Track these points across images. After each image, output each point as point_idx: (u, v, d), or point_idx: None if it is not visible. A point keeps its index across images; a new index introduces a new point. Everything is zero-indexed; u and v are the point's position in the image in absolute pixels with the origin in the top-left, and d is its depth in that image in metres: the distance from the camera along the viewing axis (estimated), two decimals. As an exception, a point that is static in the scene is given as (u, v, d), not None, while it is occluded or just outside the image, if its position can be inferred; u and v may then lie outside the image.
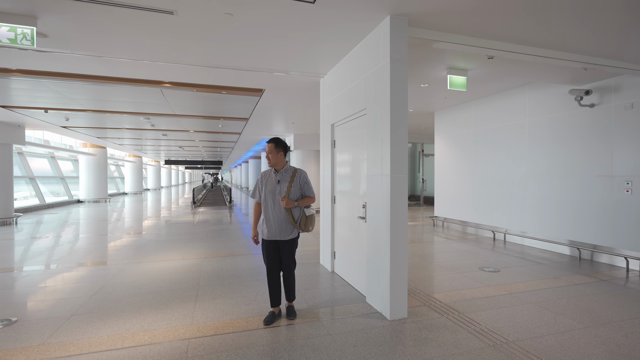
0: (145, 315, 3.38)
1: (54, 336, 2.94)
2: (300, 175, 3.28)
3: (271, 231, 3.19)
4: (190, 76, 5.27)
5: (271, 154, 3.22)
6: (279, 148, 3.23)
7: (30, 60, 4.53)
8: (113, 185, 23.79)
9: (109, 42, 3.95)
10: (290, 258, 3.28)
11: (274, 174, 3.28)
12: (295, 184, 3.23)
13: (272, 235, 3.19)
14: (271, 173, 3.30)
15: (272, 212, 3.19)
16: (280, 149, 3.24)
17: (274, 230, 3.18)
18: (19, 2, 3.04)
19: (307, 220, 3.27)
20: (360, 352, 2.69)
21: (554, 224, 6.12)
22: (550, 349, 2.72)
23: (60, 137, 15.77)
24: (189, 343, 2.82)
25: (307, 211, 3.28)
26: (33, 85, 6.05)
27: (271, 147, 3.21)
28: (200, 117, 9.14)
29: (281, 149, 3.24)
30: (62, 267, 5.20)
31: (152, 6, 3.11)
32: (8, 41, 3.19)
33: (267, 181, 3.27)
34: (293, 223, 3.19)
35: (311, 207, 3.34)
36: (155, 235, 7.91)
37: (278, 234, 3.18)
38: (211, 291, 4.06)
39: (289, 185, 3.20)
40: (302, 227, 3.24)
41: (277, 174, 3.26)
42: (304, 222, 3.25)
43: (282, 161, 3.27)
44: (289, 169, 3.30)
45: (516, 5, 3.12)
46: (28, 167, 14.00)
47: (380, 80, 3.42)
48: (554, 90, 6.09)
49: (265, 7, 3.14)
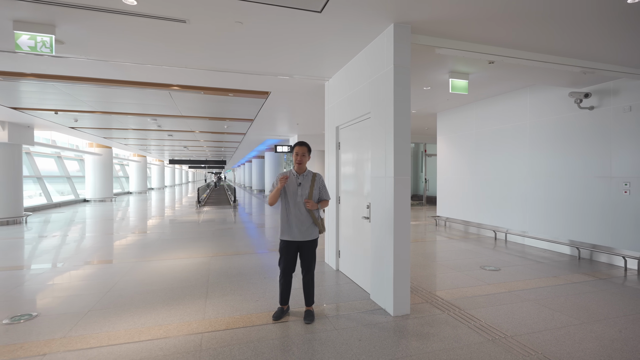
0: (159, 310, 3.53)
1: (74, 330, 3.10)
2: (319, 178, 3.40)
3: (293, 233, 3.24)
4: (199, 79, 5.42)
5: (304, 157, 3.30)
6: (309, 152, 3.34)
7: (44, 64, 4.68)
8: (118, 184, 24.04)
9: (122, 48, 4.10)
10: (312, 259, 3.34)
11: (295, 176, 3.33)
12: (316, 187, 3.33)
13: (293, 237, 3.25)
14: (291, 175, 3.34)
15: (295, 214, 3.24)
16: (308, 152, 3.34)
17: (297, 232, 3.24)
18: (40, 12, 3.19)
19: (322, 221, 3.41)
20: (365, 345, 2.83)
21: (554, 224, 6.23)
22: (547, 344, 2.86)
23: (66, 137, 15.98)
24: (202, 337, 2.97)
25: (321, 213, 3.41)
26: (43, 88, 6.21)
27: (304, 150, 3.30)
28: (206, 118, 9.30)
29: (308, 152, 3.35)
30: (74, 264, 5.38)
31: (166, 15, 3.26)
32: (28, 49, 3.35)
33: (289, 184, 3.30)
34: (316, 222, 3.29)
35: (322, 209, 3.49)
36: (163, 234, 8.08)
37: (300, 235, 3.24)
38: (220, 288, 4.22)
39: (311, 188, 3.30)
40: (321, 229, 3.35)
41: (298, 176, 3.33)
42: (322, 223, 3.38)
43: (304, 165, 3.37)
44: (309, 173, 3.38)
45: (516, 14, 3.24)
46: (35, 167, 14.22)
47: (384, 85, 3.55)
48: (555, 93, 6.20)
49: (274, 15, 3.27)
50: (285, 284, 3.34)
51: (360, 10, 3.16)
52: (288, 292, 3.39)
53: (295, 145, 3.33)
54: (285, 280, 3.34)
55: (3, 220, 9.44)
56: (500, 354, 2.70)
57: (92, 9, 3.11)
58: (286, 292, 3.38)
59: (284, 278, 3.33)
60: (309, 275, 3.37)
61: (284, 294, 3.38)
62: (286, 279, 3.33)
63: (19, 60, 4.47)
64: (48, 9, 3.11)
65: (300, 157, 3.30)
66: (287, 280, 3.34)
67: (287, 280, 3.34)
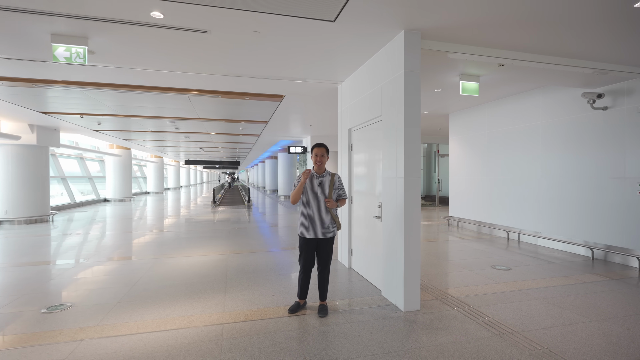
0: (182, 303, 3.76)
1: (106, 319, 3.35)
2: (337, 178, 3.58)
3: (313, 230, 3.41)
4: (216, 84, 5.66)
5: (323, 157, 3.48)
6: (327, 153, 3.52)
7: (73, 72, 4.99)
8: (136, 184, 24.74)
9: (146, 56, 4.36)
10: (329, 255, 3.52)
11: (315, 176, 3.50)
12: (335, 187, 3.52)
13: (314, 234, 3.41)
14: (312, 175, 3.50)
15: (315, 212, 3.42)
16: (326, 153, 3.51)
17: (317, 230, 3.41)
18: (75, 26, 3.46)
19: (337, 218, 3.59)
20: (376, 337, 2.98)
21: (567, 224, 6.22)
22: (553, 339, 2.95)
23: (88, 139, 16.60)
24: (223, 327, 3.18)
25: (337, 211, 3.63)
26: (69, 93, 6.57)
27: (323, 151, 3.48)
28: (222, 121, 9.59)
29: (327, 153, 3.52)
30: (100, 260, 5.69)
31: (189, 27, 3.48)
32: (64, 59, 3.63)
33: (309, 183, 3.47)
34: (335, 219, 3.48)
35: None
36: (181, 233, 8.39)
37: (320, 233, 3.41)
38: (238, 284, 4.43)
39: (330, 187, 3.48)
40: (338, 226, 3.54)
41: (317, 176, 3.50)
42: (338, 220, 3.57)
43: (324, 165, 3.54)
44: (328, 173, 3.55)
45: (524, 19, 3.34)
46: (60, 168, 14.84)
47: (395, 89, 3.69)
48: (568, 93, 6.20)
49: (290, 25, 3.46)
50: (304, 279, 3.53)
51: (371, 19, 3.32)
52: (306, 287, 3.57)
53: (315, 147, 3.50)
54: (305, 275, 3.52)
55: (32, 218, 9.95)
56: (506, 348, 2.81)
57: (123, 22, 3.36)
58: (305, 286, 3.55)
59: (304, 273, 3.51)
60: (325, 271, 3.55)
61: (302, 288, 3.55)
62: (306, 274, 3.51)
63: (52, 69, 4.79)
64: (83, 23, 3.37)
65: (320, 158, 3.47)
66: (306, 275, 3.52)
67: (306, 276, 3.52)
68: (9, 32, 3.61)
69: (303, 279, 3.53)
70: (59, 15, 3.23)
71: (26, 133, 9.60)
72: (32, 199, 10.01)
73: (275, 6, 3.07)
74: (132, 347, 2.81)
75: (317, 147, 3.49)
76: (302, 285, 3.54)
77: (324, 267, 3.53)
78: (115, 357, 2.64)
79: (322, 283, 3.57)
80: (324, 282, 3.57)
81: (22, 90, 6.24)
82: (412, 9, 3.14)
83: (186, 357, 2.65)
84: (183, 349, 2.78)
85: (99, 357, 2.65)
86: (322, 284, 3.57)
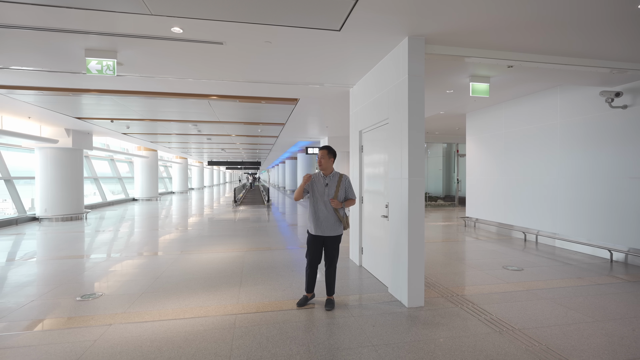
0: (200, 295, 4.06)
1: (132, 307, 3.68)
2: (345, 179, 3.70)
3: (320, 228, 3.58)
4: (234, 89, 5.97)
5: (323, 159, 3.63)
6: (330, 155, 3.64)
7: (104, 81, 5.42)
8: (162, 184, 25.79)
9: (168, 66, 4.70)
10: (335, 253, 3.67)
11: (322, 177, 3.68)
12: (342, 187, 3.65)
13: (320, 232, 3.59)
14: (319, 176, 3.69)
15: (322, 211, 3.58)
16: (331, 156, 3.65)
17: (323, 228, 3.57)
18: (106, 42, 3.82)
19: (347, 218, 3.72)
20: (378, 330, 3.14)
21: (585, 225, 6.11)
22: (552, 337, 3.00)
23: (118, 142, 17.55)
24: (236, 317, 3.43)
25: (346, 211, 3.74)
26: (100, 100, 7.07)
27: (324, 154, 3.63)
28: (241, 123, 9.96)
29: (332, 156, 3.65)
30: (129, 255, 6.13)
31: (206, 39, 3.77)
32: (96, 72, 4.01)
33: (316, 184, 3.65)
34: (340, 219, 3.61)
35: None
36: (203, 231, 8.81)
37: (326, 231, 3.57)
38: (253, 278, 4.69)
39: (337, 188, 3.62)
40: (345, 226, 3.68)
41: (325, 177, 3.66)
42: (346, 220, 3.69)
43: (331, 167, 3.68)
44: (335, 174, 3.70)
45: (526, 23, 3.40)
46: (92, 169, 15.77)
47: (400, 93, 3.83)
48: (586, 92, 6.08)
49: (298, 35, 3.67)
50: (310, 274, 3.71)
51: (375, 27, 3.48)
52: (313, 282, 3.76)
53: (319, 149, 3.72)
54: (311, 270, 3.70)
55: (68, 216, 10.69)
56: (504, 343, 2.90)
57: (147, 37, 3.68)
58: (311, 281, 3.74)
59: (310, 269, 3.70)
60: (331, 268, 3.71)
61: (309, 283, 3.74)
62: (312, 269, 3.70)
63: (85, 78, 5.23)
64: (113, 39, 3.73)
65: (319, 159, 3.68)
66: (312, 270, 3.70)
67: (312, 271, 3.70)
68: (49, 49, 4.02)
69: (309, 274, 3.71)
70: (92, 33, 3.60)
71: (63, 137, 10.34)
72: (68, 198, 10.75)
73: (283, 19, 3.29)
74: (154, 332, 3.11)
75: (320, 149, 3.67)
76: (308, 279, 3.73)
77: (330, 264, 3.69)
78: (139, 340, 2.95)
79: (328, 279, 3.73)
80: (331, 278, 3.73)
81: (60, 99, 6.80)
82: (414, 17, 3.27)
83: (201, 342, 2.92)
84: (199, 335, 3.05)
85: (125, 340, 2.96)
86: (329, 280, 3.73)
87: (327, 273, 3.74)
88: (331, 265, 3.70)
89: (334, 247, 3.67)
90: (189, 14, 3.20)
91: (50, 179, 10.49)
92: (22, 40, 3.79)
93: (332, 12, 3.15)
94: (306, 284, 3.77)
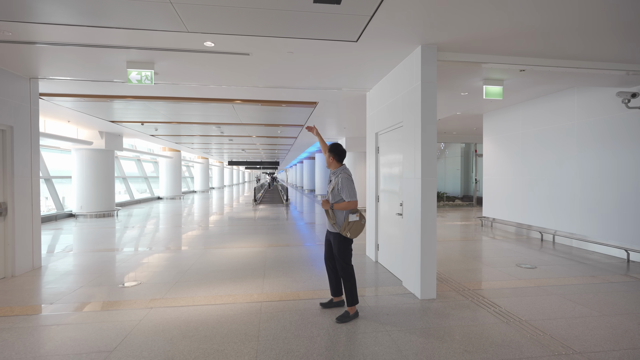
0: (227, 284, 4.43)
1: (168, 294, 4.09)
2: (338, 176, 3.36)
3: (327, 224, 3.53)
4: (257, 94, 6.34)
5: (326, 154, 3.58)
6: (330, 152, 3.52)
7: (136, 88, 5.90)
8: (184, 184, 26.71)
9: (198, 74, 5.10)
10: (338, 253, 3.38)
11: (331, 172, 3.58)
12: (336, 185, 3.38)
13: (327, 227, 3.54)
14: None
15: None
16: (331, 153, 3.51)
17: (327, 224, 3.51)
18: (145, 55, 4.25)
19: (348, 225, 3.27)
20: (391, 318, 3.41)
21: (603, 225, 6.13)
22: (557, 328, 3.19)
23: (144, 143, 18.41)
24: (262, 304, 3.77)
25: (350, 216, 3.28)
26: (131, 105, 7.58)
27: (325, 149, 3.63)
28: (262, 125, 10.36)
29: (331, 153, 3.50)
30: (160, 249, 6.61)
31: (234, 51, 4.13)
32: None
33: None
34: (329, 220, 3.36)
35: (357, 214, 3.31)
36: (226, 228, 9.26)
37: (328, 226, 3.50)
38: (275, 271, 5.03)
39: (332, 186, 3.44)
40: (342, 230, 3.29)
41: (332, 174, 3.56)
42: (345, 225, 3.28)
43: (333, 163, 3.52)
44: (337, 171, 3.46)
45: (542, 31, 3.57)
46: (121, 169, 16.63)
47: (413, 98, 4.08)
48: (603, 93, 6.11)
49: (317, 46, 3.97)
50: (328, 273, 3.62)
51: (390, 38, 3.74)
52: (333, 282, 3.60)
53: None
54: (327, 268, 3.61)
55: (100, 213, 11.41)
56: (509, 332, 3.11)
57: (182, 50, 4.08)
58: (331, 281, 3.61)
59: (327, 267, 3.62)
60: (339, 271, 3.45)
61: (330, 282, 3.63)
62: (327, 267, 3.61)
63: (120, 85, 5.72)
64: (151, 52, 4.15)
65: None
66: (328, 268, 3.60)
67: (328, 269, 3.60)
68: (95, 62, 4.49)
69: (328, 274, 3.64)
70: (133, 48, 4.02)
71: (97, 139, 11.05)
72: (101, 196, 11.47)
73: (304, 32, 3.60)
74: (190, 314, 3.49)
75: None
76: (329, 279, 3.65)
77: (337, 266, 3.48)
78: (177, 321, 3.33)
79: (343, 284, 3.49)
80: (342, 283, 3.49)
81: (95, 104, 7.36)
82: (426, 28, 3.51)
83: (232, 324, 3.27)
84: (229, 318, 3.41)
85: (166, 320, 3.35)
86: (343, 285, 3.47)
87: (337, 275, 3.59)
88: (338, 267, 3.45)
89: (335, 248, 3.41)
90: (220, 31, 3.55)
91: (85, 178, 11.22)
92: (71, 54, 4.25)
93: (350, 26, 3.44)
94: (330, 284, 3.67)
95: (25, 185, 4.97)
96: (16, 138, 4.81)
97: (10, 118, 4.74)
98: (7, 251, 4.74)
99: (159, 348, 2.83)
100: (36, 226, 5.18)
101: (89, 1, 2.98)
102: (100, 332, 3.11)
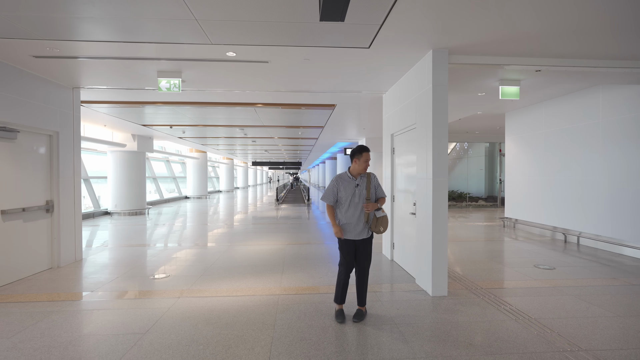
0: (248, 278, 4.72)
1: (194, 285, 4.43)
2: (374, 178, 3.45)
3: (350, 232, 3.33)
4: (277, 98, 6.62)
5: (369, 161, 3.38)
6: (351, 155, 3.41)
7: (166, 94, 6.33)
8: (210, 184, 27.64)
9: (222, 81, 5.43)
10: (367, 256, 3.40)
11: (351, 178, 3.38)
12: (372, 187, 3.44)
13: (351, 236, 3.34)
14: (347, 177, 3.39)
15: (352, 214, 3.31)
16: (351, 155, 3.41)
17: (353, 231, 3.33)
18: (173, 65, 4.61)
19: (378, 221, 3.36)
20: (401, 313, 3.56)
21: (629, 226, 5.96)
22: (567, 327, 3.23)
23: (172, 144, 19.30)
24: (279, 297, 4.02)
25: (377, 213, 3.37)
26: (161, 109, 8.09)
27: (369, 156, 3.35)
28: (283, 127, 10.69)
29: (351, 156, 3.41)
30: (187, 245, 7.03)
31: (254, 59, 4.41)
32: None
33: (345, 185, 3.35)
34: (367, 224, 3.35)
35: (382, 209, 3.43)
36: (249, 226, 9.64)
37: (357, 234, 3.33)
38: (293, 267, 5.28)
39: (368, 188, 3.37)
40: (373, 228, 3.38)
41: (354, 178, 3.38)
42: (374, 223, 3.38)
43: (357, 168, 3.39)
44: (364, 174, 3.45)
45: (554, 33, 3.61)
46: (152, 169, 17.51)
47: (426, 101, 4.20)
48: (629, 90, 5.93)
49: (332, 53, 4.18)
50: (344, 280, 3.41)
51: (401, 44, 3.88)
52: (345, 290, 3.44)
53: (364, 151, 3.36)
54: (345, 276, 3.41)
55: (133, 211, 12.13)
56: (516, 329, 3.19)
57: (207, 60, 4.41)
58: (344, 289, 3.43)
59: (344, 275, 3.40)
60: (363, 274, 3.43)
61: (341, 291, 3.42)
62: (345, 275, 3.41)
63: (151, 92, 6.17)
64: (179, 63, 4.50)
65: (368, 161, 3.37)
66: (346, 277, 3.41)
67: (346, 277, 3.41)
68: (128, 72, 4.91)
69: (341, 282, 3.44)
70: (163, 59, 4.39)
71: (129, 141, 11.76)
72: (133, 195, 12.20)
73: (319, 41, 3.82)
74: (214, 304, 3.79)
75: (368, 151, 3.37)
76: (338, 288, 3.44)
77: (362, 270, 3.44)
78: (202, 309, 3.64)
79: (359, 287, 3.46)
80: (362, 286, 3.45)
81: (129, 110, 7.92)
82: (436, 34, 3.64)
83: (251, 314, 3.53)
84: (249, 308, 3.68)
85: (191, 308, 3.66)
86: (360, 288, 3.46)
87: (358, 280, 3.46)
88: (363, 271, 3.42)
89: (366, 252, 3.40)
90: (240, 42, 3.84)
91: (120, 179, 11.97)
92: (108, 66, 4.68)
93: (361, 34, 3.62)
94: (338, 294, 3.44)
95: (68, 185, 5.48)
96: (61, 142, 5.33)
97: (57, 124, 5.26)
98: (54, 245, 5.26)
99: (185, 332, 3.13)
100: (78, 222, 5.70)
101: (124, 20, 3.33)
102: (134, 317, 3.47)
